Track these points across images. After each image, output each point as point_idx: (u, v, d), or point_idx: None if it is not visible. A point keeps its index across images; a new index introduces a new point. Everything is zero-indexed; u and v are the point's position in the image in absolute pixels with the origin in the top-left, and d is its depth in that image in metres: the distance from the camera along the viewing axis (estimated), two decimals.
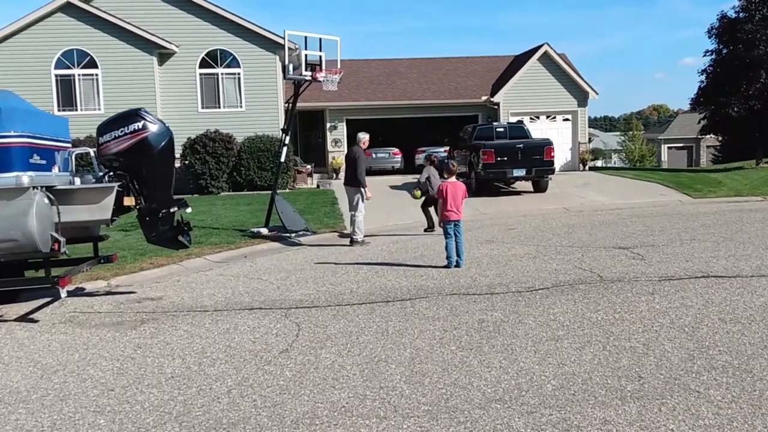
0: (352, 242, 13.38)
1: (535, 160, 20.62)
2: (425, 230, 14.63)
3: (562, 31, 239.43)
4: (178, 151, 23.38)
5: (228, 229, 15.63)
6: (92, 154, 9.62)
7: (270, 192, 24.09)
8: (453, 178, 10.88)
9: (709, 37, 29.28)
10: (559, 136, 29.20)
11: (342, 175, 29.35)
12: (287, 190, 24.04)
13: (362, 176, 13.33)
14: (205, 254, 12.59)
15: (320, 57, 14.77)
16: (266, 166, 24.74)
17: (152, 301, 9.03)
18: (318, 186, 25.62)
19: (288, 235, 14.52)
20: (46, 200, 8.02)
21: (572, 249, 11.65)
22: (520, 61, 31.72)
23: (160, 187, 9.05)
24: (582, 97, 30.24)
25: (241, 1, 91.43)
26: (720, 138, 59.72)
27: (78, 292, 9.88)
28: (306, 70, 14.56)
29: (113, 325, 7.84)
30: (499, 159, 20.42)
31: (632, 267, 9.81)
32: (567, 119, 30.64)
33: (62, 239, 8.05)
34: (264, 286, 9.73)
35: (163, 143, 8.85)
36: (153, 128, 8.77)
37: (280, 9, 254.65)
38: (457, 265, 10.39)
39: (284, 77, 14.54)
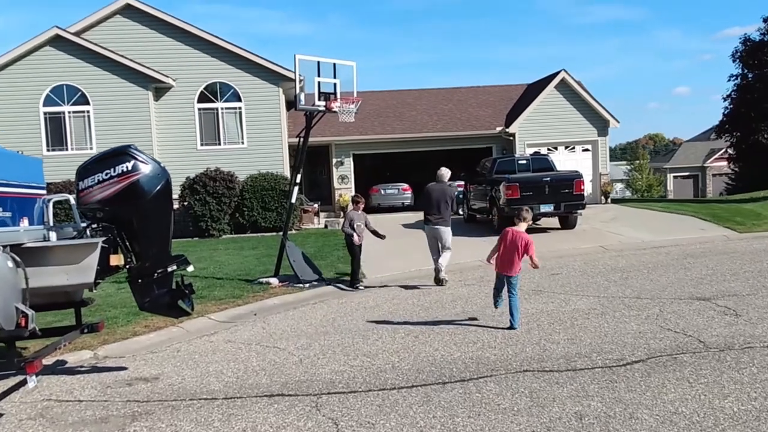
0: (440, 282, 12.57)
1: (564, 194, 18.97)
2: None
3: (553, 64, 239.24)
4: (176, 192, 21.75)
5: (233, 279, 13.90)
6: (72, 201, 7.91)
7: (276, 234, 22.72)
8: (523, 226, 9.06)
9: (733, 61, 27.95)
10: (578, 167, 27.47)
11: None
12: (293, 231, 22.33)
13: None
14: (209, 312, 10.86)
15: (335, 84, 13.18)
16: (271, 206, 23.06)
17: (146, 384, 7.27)
18: (326, 226, 23.92)
19: (301, 285, 12.80)
20: (10, 263, 6.28)
21: (641, 301, 9.91)
22: (534, 89, 30.24)
23: (155, 241, 7.34)
24: (602, 126, 28.66)
25: (240, 40, 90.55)
26: (733, 166, 58.42)
27: (57, 367, 8.14)
28: (319, 99, 12.95)
29: (95, 423, 6.08)
30: (524, 194, 18.73)
31: (732, 327, 8.07)
32: (587, 149, 29.04)
33: (30, 312, 6.31)
34: (283, 358, 7.97)
35: (158, 187, 7.17)
36: (145, 169, 7.09)
37: (277, 46, 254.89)
38: (511, 327, 8.70)
39: (296, 108, 12.93)
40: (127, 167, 7.02)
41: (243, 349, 8.56)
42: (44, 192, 7.82)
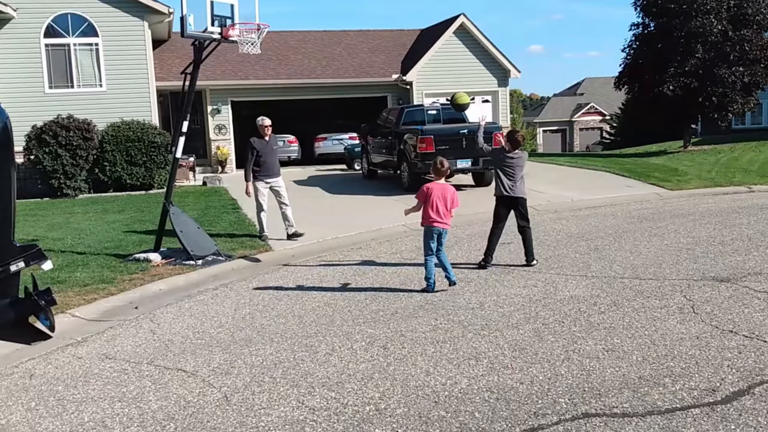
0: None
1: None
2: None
3: (410, 20, 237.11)
4: (20, 144, 18.03)
5: (99, 254, 10.88)
6: None
7: (144, 193, 19.36)
8: (442, 180, 8.37)
9: (635, 10, 26.63)
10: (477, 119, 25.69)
11: (231, 167, 24.97)
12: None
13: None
14: (72, 305, 7.99)
15: (231, 6, 10.29)
16: (138, 160, 19.68)
17: None
18: (205, 183, 20.76)
19: (193, 263, 10.03)
20: None
21: (647, 283, 7.85)
22: (430, 34, 27.90)
23: None
24: (503, 76, 26.81)
25: None
26: (609, 120, 59.06)
27: None
28: (213, 25, 10.05)
29: None
30: (439, 147, 16.44)
31: None
32: (487, 100, 27.14)
33: None
34: (197, 393, 5.28)
35: None
36: None
37: None
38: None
39: (182, 35, 10.00)
40: None
41: (130, 374, 5.80)
42: None
